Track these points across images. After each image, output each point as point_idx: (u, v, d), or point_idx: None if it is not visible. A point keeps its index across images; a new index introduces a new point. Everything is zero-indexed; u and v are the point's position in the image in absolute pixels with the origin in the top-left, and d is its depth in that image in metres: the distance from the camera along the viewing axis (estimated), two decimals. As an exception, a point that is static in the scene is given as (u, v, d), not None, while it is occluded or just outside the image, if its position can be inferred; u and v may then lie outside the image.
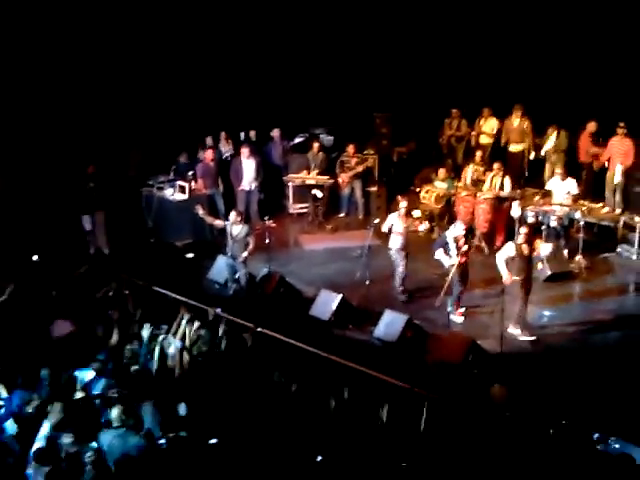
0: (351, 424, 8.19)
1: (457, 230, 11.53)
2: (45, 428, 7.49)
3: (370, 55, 17.52)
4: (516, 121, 15.76)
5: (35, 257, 11.81)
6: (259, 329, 10.31)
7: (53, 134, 15.31)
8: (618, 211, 14.12)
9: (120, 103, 16.21)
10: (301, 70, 17.76)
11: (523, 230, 10.98)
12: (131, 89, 16.36)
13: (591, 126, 14.72)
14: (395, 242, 12.14)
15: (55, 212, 14.26)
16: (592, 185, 14.74)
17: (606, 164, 14.45)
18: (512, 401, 9.63)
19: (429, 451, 8.32)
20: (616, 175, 14.21)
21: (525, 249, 10.86)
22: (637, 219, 13.42)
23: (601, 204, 14.35)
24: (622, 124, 14.08)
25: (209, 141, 15.99)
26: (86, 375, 8.76)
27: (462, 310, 11.66)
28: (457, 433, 8.72)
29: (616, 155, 14.19)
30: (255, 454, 7.35)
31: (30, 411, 7.85)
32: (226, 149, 16.32)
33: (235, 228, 12.44)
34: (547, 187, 14.07)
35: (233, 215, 12.55)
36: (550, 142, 15.24)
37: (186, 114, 16.92)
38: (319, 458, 7.45)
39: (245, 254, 12.34)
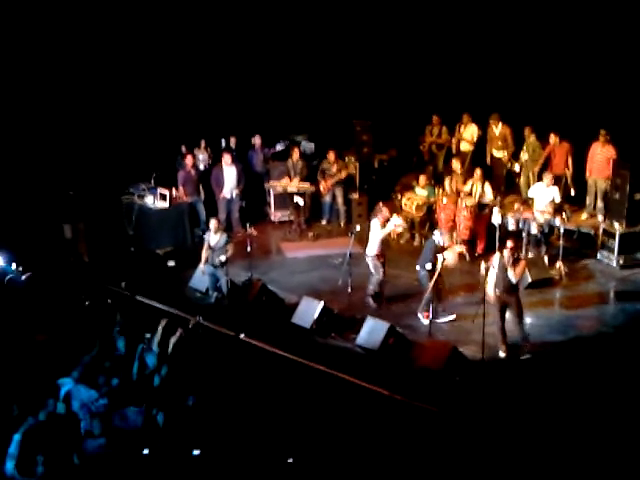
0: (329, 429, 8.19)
1: (441, 239, 11.56)
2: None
3: (350, 63, 17.55)
4: (497, 129, 15.81)
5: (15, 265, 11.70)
6: (241, 336, 10.27)
7: (33, 143, 15.24)
8: (600, 218, 14.19)
9: (100, 111, 16.16)
10: (281, 77, 17.76)
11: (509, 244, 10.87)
12: (111, 98, 16.31)
13: (551, 138, 14.78)
14: (372, 249, 12.15)
15: (35, 220, 14.19)
16: (569, 194, 14.76)
17: (587, 172, 14.51)
18: (493, 407, 9.67)
19: (412, 455, 8.35)
20: (598, 182, 14.31)
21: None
22: (616, 226, 13.50)
23: (585, 213, 14.49)
24: (604, 131, 14.14)
25: (184, 149, 15.93)
26: (68, 384, 8.69)
27: (429, 314, 11.61)
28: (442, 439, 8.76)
29: (597, 162, 14.26)
30: (234, 460, 7.34)
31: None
32: (204, 157, 16.28)
33: (213, 237, 12.39)
34: (529, 194, 14.11)
35: (213, 224, 12.51)
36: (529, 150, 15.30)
37: (166, 122, 16.90)
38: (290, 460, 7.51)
39: (223, 257, 12.25)
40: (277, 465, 7.49)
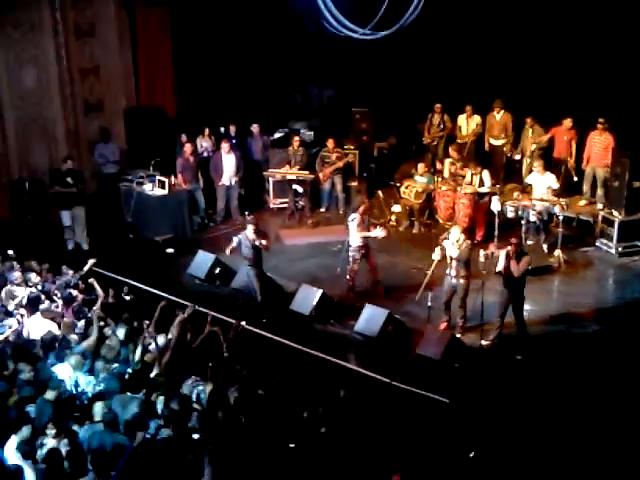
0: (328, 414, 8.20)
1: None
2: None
3: (349, 51, 17.46)
4: (498, 115, 15.79)
5: (10, 252, 11.63)
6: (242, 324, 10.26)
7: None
8: (600, 206, 14.19)
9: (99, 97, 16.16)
10: (281, 65, 17.71)
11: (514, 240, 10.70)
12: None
13: (567, 122, 14.75)
14: (355, 240, 11.98)
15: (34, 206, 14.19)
16: (571, 180, 14.76)
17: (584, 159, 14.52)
18: (491, 395, 9.69)
19: (408, 443, 8.37)
20: (597, 170, 14.30)
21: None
22: (615, 213, 13.49)
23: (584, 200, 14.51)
24: (602, 119, 14.14)
25: (184, 137, 15.89)
26: (63, 370, 8.66)
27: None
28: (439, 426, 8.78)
29: (596, 150, 14.25)
30: (235, 446, 7.36)
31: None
32: (208, 145, 16.23)
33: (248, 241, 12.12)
34: (527, 181, 14.11)
35: (251, 230, 12.07)
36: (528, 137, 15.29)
37: (167, 109, 16.88)
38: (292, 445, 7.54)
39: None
40: (279, 449, 7.51)
